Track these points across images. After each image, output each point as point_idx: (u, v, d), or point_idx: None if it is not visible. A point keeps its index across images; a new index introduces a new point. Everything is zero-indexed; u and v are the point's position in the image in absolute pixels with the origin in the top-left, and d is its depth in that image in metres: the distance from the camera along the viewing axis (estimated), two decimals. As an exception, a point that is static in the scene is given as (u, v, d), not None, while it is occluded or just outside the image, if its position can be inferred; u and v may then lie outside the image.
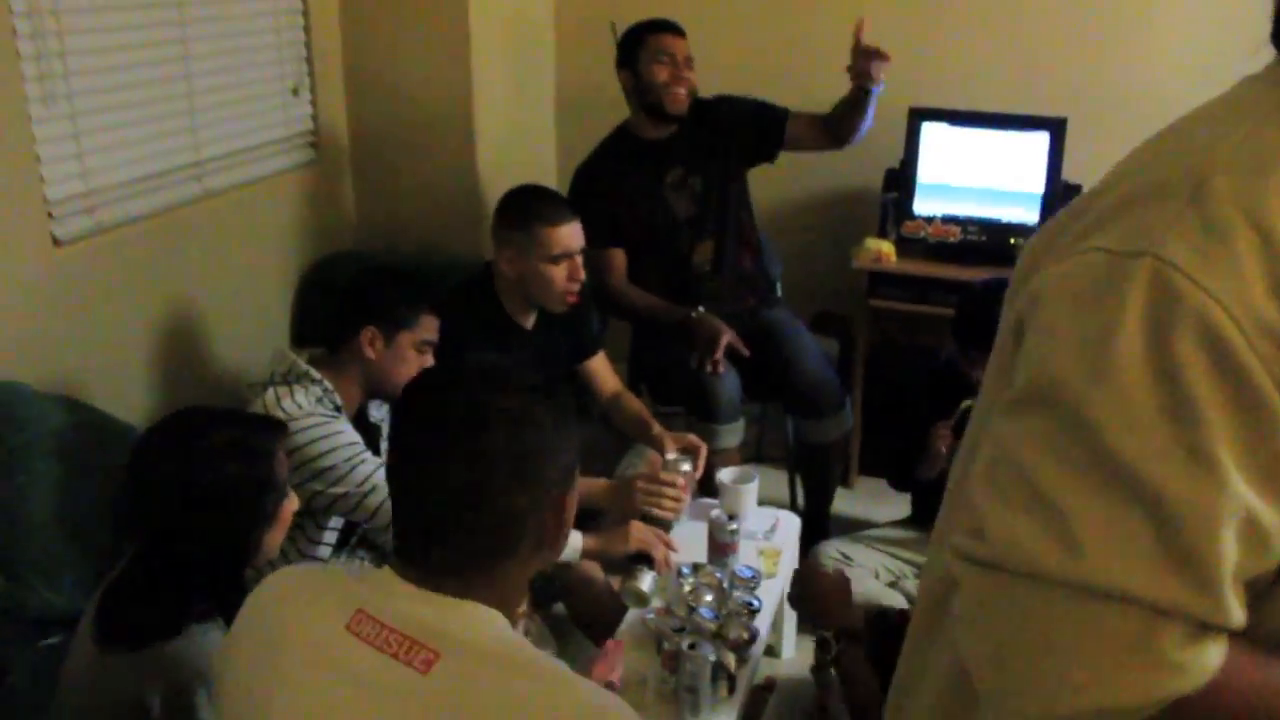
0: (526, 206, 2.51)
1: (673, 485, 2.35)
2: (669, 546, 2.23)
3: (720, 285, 3.08)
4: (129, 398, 2.51)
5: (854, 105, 2.90)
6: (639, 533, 2.20)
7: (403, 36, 3.20)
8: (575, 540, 2.18)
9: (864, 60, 2.78)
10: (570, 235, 2.47)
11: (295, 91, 3.11)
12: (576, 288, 2.51)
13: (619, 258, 3.04)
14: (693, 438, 2.57)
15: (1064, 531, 0.68)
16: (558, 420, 1.17)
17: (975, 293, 2.48)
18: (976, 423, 0.90)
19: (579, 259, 2.50)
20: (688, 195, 3.04)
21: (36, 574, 2.06)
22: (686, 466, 2.40)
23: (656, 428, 2.61)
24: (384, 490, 2.04)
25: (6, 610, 2.01)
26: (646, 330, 3.11)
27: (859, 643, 1.85)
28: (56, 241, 2.32)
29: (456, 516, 1.12)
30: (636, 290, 3.04)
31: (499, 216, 2.54)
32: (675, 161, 3.03)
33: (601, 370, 2.78)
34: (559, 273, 2.47)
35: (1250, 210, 0.70)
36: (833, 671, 1.85)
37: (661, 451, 2.54)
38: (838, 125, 2.97)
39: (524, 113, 3.65)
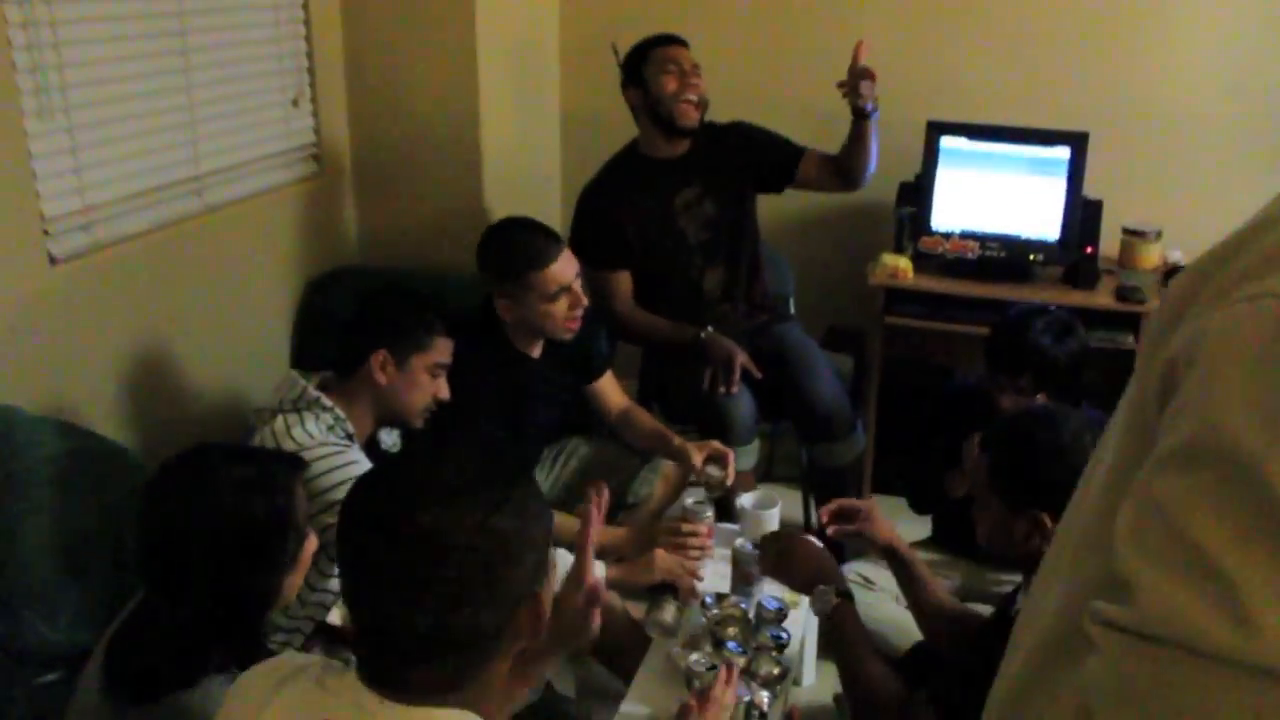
0: (510, 253, 2.41)
1: (696, 534, 2.28)
2: (694, 576, 2.16)
3: (733, 311, 3.02)
4: (127, 420, 2.44)
5: (854, 136, 2.86)
6: (663, 562, 2.13)
7: (408, 48, 3.13)
8: (599, 570, 2.11)
9: (853, 78, 2.75)
10: (563, 270, 2.38)
11: (296, 103, 3.03)
12: (579, 313, 2.43)
13: (625, 282, 2.96)
14: (717, 444, 2.49)
15: (1234, 604, 0.61)
16: (520, 520, 1.09)
17: (1010, 319, 2.43)
18: (1106, 470, 0.82)
19: (577, 285, 2.42)
20: (700, 219, 2.97)
21: (32, 608, 1.99)
22: (709, 513, 2.32)
23: (677, 440, 2.54)
24: None
25: (2, 646, 1.93)
26: (656, 351, 3.03)
27: (852, 600, 1.88)
28: (53, 259, 2.25)
29: (421, 647, 1.07)
30: (643, 313, 2.97)
31: (484, 264, 2.45)
32: (687, 182, 2.96)
33: (608, 389, 2.72)
34: (559, 307, 2.40)
35: None
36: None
37: (687, 464, 2.47)
38: (844, 161, 2.92)
39: (529, 129, 3.59)
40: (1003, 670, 0.94)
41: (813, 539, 2.09)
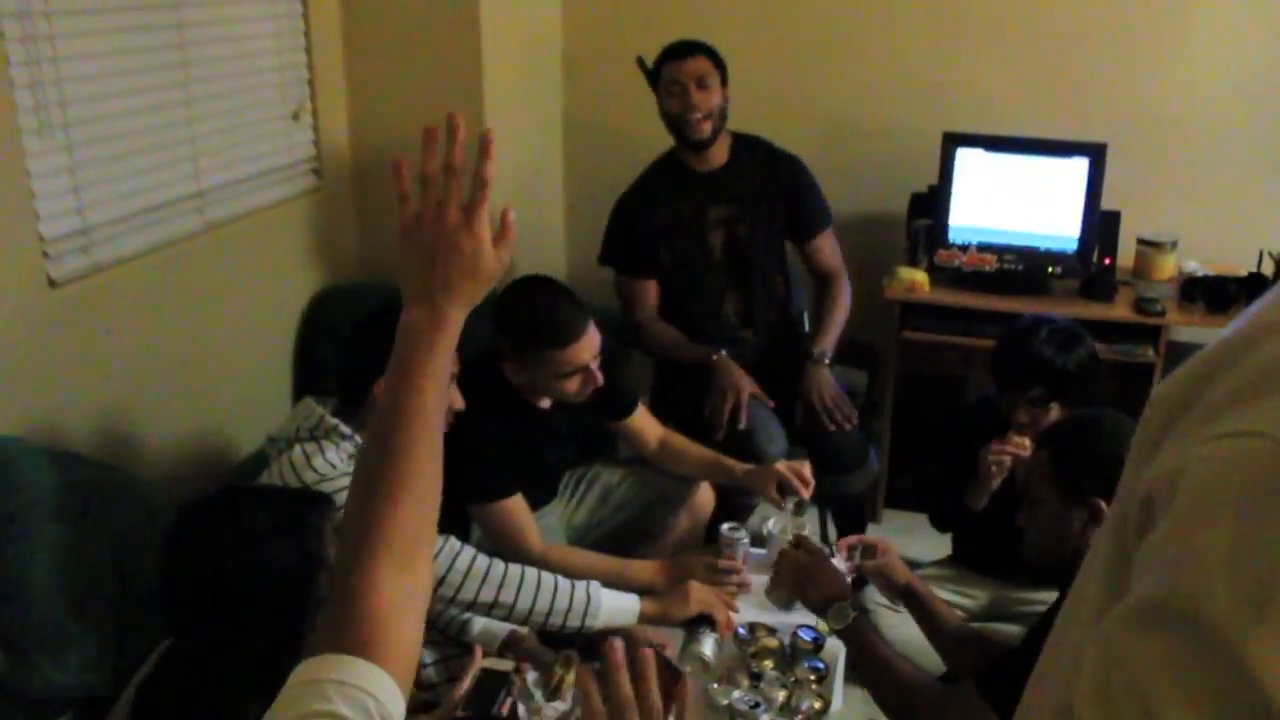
0: (531, 324, 2.20)
1: (733, 569, 2.20)
2: (731, 607, 2.09)
3: (751, 337, 2.98)
4: (130, 447, 2.35)
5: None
6: (700, 594, 2.05)
7: (410, 58, 3.06)
8: (632, 604, 2.03)
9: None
10: (582, 351, 2.19)
11: (296, 116, 2.95)
12: (591, 390, 2.26)
13: (651, 292, 2.93)
14: (782, 468, 2.37)
15: None
16: None
17: (1013, 332, 2.39)
18: (1099, 587, 0.74)
19: (594, 364, 2.23)
20: (730, 239, 2.92)
21: (39, 650, 1.91)
22: (745, 539, 2.25)
23: (740, 467, 2.44)
24: None
25: (9, 690, 1.85)
26: (672, 368, 2.97)
27: (866, 612, 1.97)
28: (52, 282, 2.16)
29: None
30: (662, 324, 2.93)
31: (499, 324, 2.24)
32: (724, 199, 2.92)
33: (644, 423, 2.55)
34: (570, 384, 2.23)
35: None
36: None
37: (767, 499, 2.40)
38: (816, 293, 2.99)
39: (533, 137, 3.51)
40: None
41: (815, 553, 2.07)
